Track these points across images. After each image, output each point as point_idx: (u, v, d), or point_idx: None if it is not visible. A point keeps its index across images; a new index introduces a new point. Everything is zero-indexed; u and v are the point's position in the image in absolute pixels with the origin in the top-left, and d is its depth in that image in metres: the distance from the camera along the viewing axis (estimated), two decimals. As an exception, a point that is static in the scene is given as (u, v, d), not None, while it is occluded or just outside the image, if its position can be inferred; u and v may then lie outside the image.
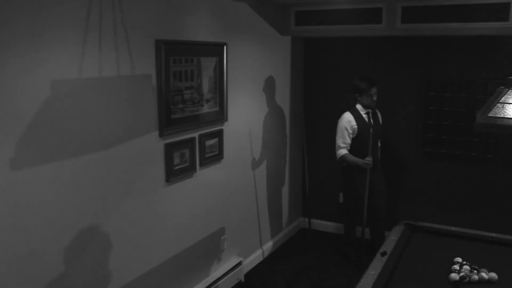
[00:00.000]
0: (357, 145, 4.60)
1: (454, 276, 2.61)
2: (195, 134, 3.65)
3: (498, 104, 1.92)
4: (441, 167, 5.08)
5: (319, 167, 5.64)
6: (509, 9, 4.02)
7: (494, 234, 3.36)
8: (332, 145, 4.74)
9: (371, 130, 4.42)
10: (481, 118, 1.94)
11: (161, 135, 3.29)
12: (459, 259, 2.84)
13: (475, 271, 2.70)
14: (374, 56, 5.23)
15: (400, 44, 5.05)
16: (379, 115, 4.81)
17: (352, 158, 4.56)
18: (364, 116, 4.63)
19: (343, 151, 4.61)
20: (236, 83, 4.15)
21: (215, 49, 3.77)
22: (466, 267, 2.74)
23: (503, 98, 1.93)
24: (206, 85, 3.68)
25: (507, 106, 1.91)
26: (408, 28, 4.45)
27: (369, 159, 4.44)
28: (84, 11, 2.64)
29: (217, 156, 3.96)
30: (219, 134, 3.95)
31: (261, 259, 4.94)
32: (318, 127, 5.57)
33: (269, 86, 4.82)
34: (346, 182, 4.81)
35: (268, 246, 5.09)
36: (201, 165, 3.76)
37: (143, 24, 3.07)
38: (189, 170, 3.62)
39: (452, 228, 3.43)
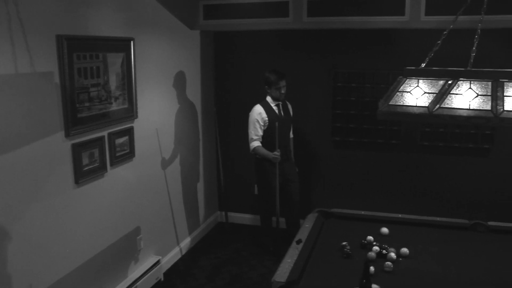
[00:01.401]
0: (268, 136, 4.66)
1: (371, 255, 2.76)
2: (104, 133, 3.52)
3: (398, 93, 2.03)
4: (350, 154, 5.32)
5: (233, 161, 5.68)
6: (405, 4, 4.27)
7: (400, 215, 3.59)
8: (245, 138, 4.78)
9: (276, 124, 4.49)
10: (383, 107, 2.04)
11: (68, 135, 3.13)
12: (371, 238, 3.08)
13: (384, 251, 2.88)
14: (283, 49, 5.34)
15: (308, 37, 5.19)
16: (289, 106, 4.91)
17: (263, 151, 4.63)
18: (275, 108, 4.71)
19: (255, 144, 4.66)
20: (145, 79, 4.05)
21: (121, 45, 3.65)
22: (376, 248, 2.91)
23: (401, 87, 2.04)
24: (113, 82, 3.56)
25: (405, 94, 2.02)
26: (314, 22, 4.59)
27: (277, 153, 4.51)
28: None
29: (129, 154, 3.84)
30: (129, 132, 3.83)
31: (179, 256, 4.89)
32: (230, 120, 5.59)
33: (179, 81, 4.76)
34: (259, 174, 4.88)
35: (186, 242, 5.04)
36: (112, 164, 3.63)
37: (42, 18, 2.89)
38: (99, 170, 3.48)
39: (363, 212, 3.61)
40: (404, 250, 2.94)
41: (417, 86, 2.02)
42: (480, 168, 5.01)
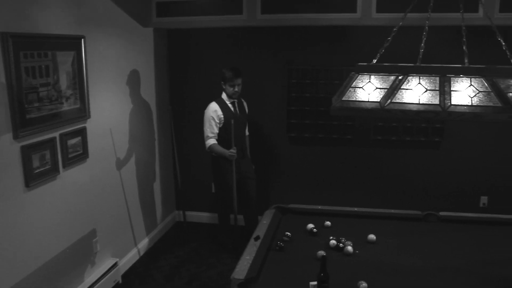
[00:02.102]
0: (224, 134, 4.65)
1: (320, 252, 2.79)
2: (56, 134, 3.41)
3: (350, 89, 2.07)
4: (306, 150, 5.38)
5: (189, 159, 5.64)
6: (357, 2, 4.35)
7: (356, 209, 3.66)
8: (201, 136, 4.76)
9: (232, 121, 4.48)
10: (336, 102, 2.07)
11: (16, 137, 3.01)
12: (328, 223, 3.34)
13: (341, 244, 2.94)
14: (238, 46, 5.34)
15: (262, 34, 5.20)
16: (245, 104, 4.91)
17: (219, 148, 4.61)
18: (230, 105, 4.69)
19: (211, 141, 4.63)
20: (98, 78, 3.95)
21: (72, 43, 3.54)
22: (333, 241, 2.96)
23: (354, 83, 2.08)
24: (64, 81, 3.45)
25: (358, 90, 2.06)
26: (268, 19, 4.60)
27: (233, 151, 4.51)
28: None
29: (82, 155, 3.75)
30: (82, 132, 3.74)
31: (137, 257, 4.82)
32: (186, 119, 5.55)
33: (133, 80, 4.67)
34: (215, 172, 4.86)
35: (144, 243, 4.97)
36: (64, 166, 3.53)
37: (-16, 15, 2.77)
38: (51, 173, 3.37)
39: (319, 207, 3.66)
40: (371, 236, 3.10)
41: (369, 81, 2.06)
42: (432, 161, 5.18)
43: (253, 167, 4.99)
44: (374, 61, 2.32)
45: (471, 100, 1.96)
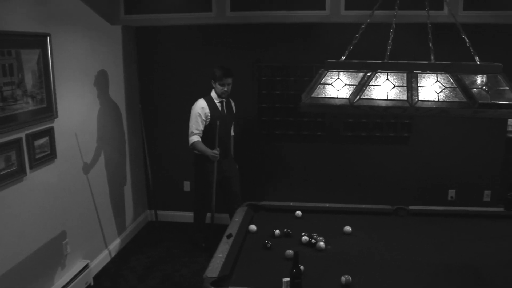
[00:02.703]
0: (209, 132, 4.58)
1: (289, 253, 2.79)
2: (21, 134, 3.33)
3: (320, 85, 2.09)
4: (277, 147, 5.40)
5: (161, 158, 5.59)
6: (325, -1, 4.39)
7: (327, 204, 3.69)
8: (172, 134, 4.72)
9: (218, 122, 4.44)
10: (306, 99, 2.09)
11: (-20, 138, 2.94)
12: (300, 212, 3.39)
13: (313, 240, 2.96)
14: (208, 44, 5.30)
15: (232, 32, 5.19)
16: (233, 104, 4.84)
17: (202, 147, 4.54)
18: (218, 104, 4.64)
19: (195, 138, 4.56)
20: (65, 77, 3.87)
21: (36, 41, 3.46)
22: (305, 237, 2.98)
23: (323, 79, 2.10)
24: (29, 80, 3.37)
25: (327, 86, 2.08)
26: (237, 16, 4.59)
27: (216, 152, 4.46)
28: None
29: (49, 156, 3.66)
30: (49, 132, 3.65)
31: (109, 258, 4.75)
32: (156, 118, 5.50)
33: (101, 78, 4.60)
34: (196, 170, 4.80)
35: (115, 244, 4.90)
36: (31, 167, 3.44)
37: None
38: (17, 174, 3.29)
39: (291, 204, 3.67)
40: (347, 228, 3.17)
41: (338, 78, 2.08)
42: (401, 156, 5.27)
43: (237, 166, 4.95)
44: (343, 58, 2.35)
45: (438, 96, 2.00)
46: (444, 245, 3.01)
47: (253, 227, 3.18)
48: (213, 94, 4.66)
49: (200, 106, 4.58)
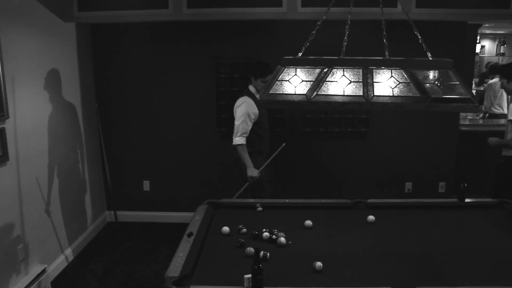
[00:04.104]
0: (256, 130, 4.46)
1: (249, 250, 2.79)
2: (-29, 136, 3.21)
3: (277, 82, 2.09)
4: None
5: (119, 158, 5.50)
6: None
7: (287, 200, 3.72)
8: (132, 133, 4.65)
9: (283, 144, 4.49)
10: (263, 96, 2.09)
11: None
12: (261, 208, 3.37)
13: (274, 236, 2.97)
14: (165, 41, 5.25)
15: (189, 29, 5.15)
16: None
17: (246, 156, 4.41)
18: None
19: (241, 140, 4.37)
20: (16, 76, 3.73)
21: (-15, 39, 3.33)
22: (266, 234, 2.99)
23: (280, 76, 2.11)
24: (-22, 80, 3.25)
25: (284, 83, 2.09)
26: (194, 13, 4.56)
27: (257, 176, 4.38)
28: None
29: (1, 158, 3.54)
30: (0, 134, 3.53)
31: (68, 262, 4.64)
32: (114, 117, 5.40)
33: (56, 77, 4.47)
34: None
35: (74, 247, 4.79)
36: (-18, 170, 3.32)
37: None
38: (-33, 178, 3.17)
39: (251, 200, 3.68)
40: (308, 222, 3.20)
41: (295, 74, 2.09)
42: (359, 150, 5.37)
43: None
44: (300, 54, 2.36)
45: (392, 91, 2.04)
46: (402, 235, 3.09)
47: (226, 229, 3.12)
48: (252, 90, 4.49)
49: (251, 105, 4.38)
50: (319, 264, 2.56)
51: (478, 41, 8.48)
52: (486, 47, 9.56)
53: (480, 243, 2.97)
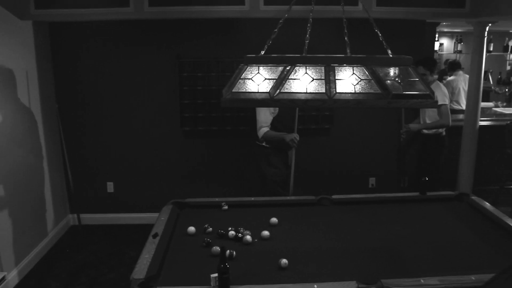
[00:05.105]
0: (277, 126, 4.36)
1: (215, 249, 2.78)
2: None
3: (240, 80, 2.09)
4: (201, 143, 5.38)
5: (82, 160, 5.38)
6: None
7: (253, 198, 3.72)
8: (94, 134, 4.56)
9: (297, 108, 4.26)
10: (226, 94, 2.08)
11: None
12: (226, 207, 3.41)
13: (239, 234, 2.97)
14: (127, 40, 5.17)
15: (152, 27, 5.09)
16: None
17: (277, 133, 4.32)
18: None
19: (265, 129, 4.32)
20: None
21: None
22: (232, 232, 2.99)
23: (243, 74, 2.10)
24: None
25: (247, 81, 2.08)
26: (156, 11, 4.51)
27: (297, 136, 4.30)
28: None
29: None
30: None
31: (30, 267, 4.50)
32: (76, 118, 5.28)
33: (11, 78, 4.32)
34: (269, 162, 4.50)
35: (36, 252, 4.65)
36: None
37: None
38: None
39: (217, 199, 3.67)
40: (274, 219, 3.21)
41: (258, 73, 2.09)
42: (323, 147, 5.43)
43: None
44: (262, 52, 2.36)
45: (354, 88, 2.06)
46: (366, 230, 3.14)
47: (191, 228, 3.11)
48: None
49: None
50: (284, 261, 2.58)
51: (436, 39, 8.69)
52: (444, 44, 9.81)
53: (441, 234, 3.06)
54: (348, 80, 2.08)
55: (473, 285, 2.31)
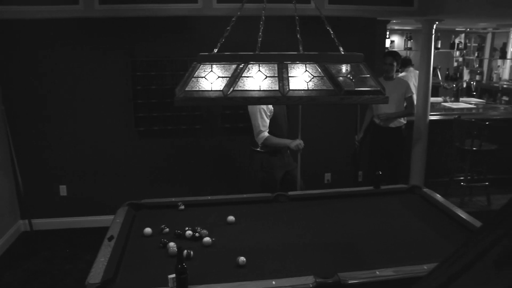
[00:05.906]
0: (271, 128, 4.15)
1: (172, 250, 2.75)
2: None
3: (193, 79, 2.07)
4: (156, 143, 5.31)
5: (32, 163, 5.20)
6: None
7: (209, 197, 3.71)
8: (44, 136, 4.42)
9: (300, 107, 4.08)
10: (180, 93, 2.06)
11: None
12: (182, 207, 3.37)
13: (197, 234, 2.96)
14: (78, 39, 5.02)
15: (103, 26, 4.97)
16: None
17: (278, 139, 4.14)
18: None
19: (265, 134, 4.09)
20: None
21: None
22: (189, 232, 2.97)
23: (196, 72, 2.09)
24: None
25: (200, 79, 2.07)
26: (107, 9, 4.42)
27: (301, 142, 4.14)
28: None
29: None
30: None
31: (-23, 276, 4.33)
32: (24, 120, 5.09)
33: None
34: (263, 170, 4.27)
35: (-16, 260, 4.48)
36: None
37: None
38: None
39: (173, 199, 3.63)
40: (231, 218, 3.22)
41: (211, 71, 2.08)
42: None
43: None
44: (215, 50, 2.35)
45: (307, 85, 2.09)
46: (323, 225, 3.18)
47: (148, 230, 3.05)
48: None
49: None
50: (242, 259, 2.59)
51: (387, 36, 8.90)
52: (395, 42, 10.06)
53: (395, 227, 3.14)
54: (301, 77, 2.10)
55: (425, 274, 2.38)
